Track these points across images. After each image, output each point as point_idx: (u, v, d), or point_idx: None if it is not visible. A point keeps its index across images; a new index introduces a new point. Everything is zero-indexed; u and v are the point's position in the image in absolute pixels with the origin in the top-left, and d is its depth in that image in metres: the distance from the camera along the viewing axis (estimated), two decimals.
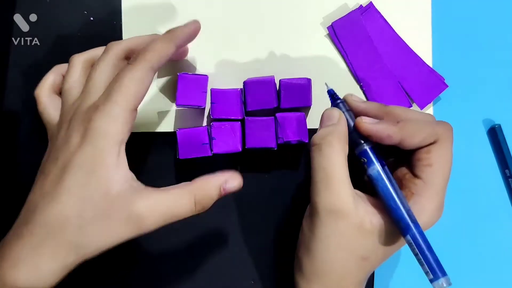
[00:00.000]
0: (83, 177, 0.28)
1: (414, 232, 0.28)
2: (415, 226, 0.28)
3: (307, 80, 0.35)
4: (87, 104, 0.30)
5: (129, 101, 0.29)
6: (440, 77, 0.38)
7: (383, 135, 0.30)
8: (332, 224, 0.29)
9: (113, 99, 0.29)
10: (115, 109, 0.28)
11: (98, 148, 0.28)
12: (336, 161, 0.29)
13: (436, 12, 0.39)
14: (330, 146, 0.29)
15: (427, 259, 0.28)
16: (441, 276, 0.28)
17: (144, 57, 0.30)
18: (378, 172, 0.30)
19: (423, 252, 0.28)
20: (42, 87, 0.35)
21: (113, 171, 0.28)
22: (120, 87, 0.29)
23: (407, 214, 0.28)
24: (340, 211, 0.29)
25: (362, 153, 0.30)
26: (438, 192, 0.30)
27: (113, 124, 0.28)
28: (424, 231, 0.29)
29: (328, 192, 0.29)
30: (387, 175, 0.30)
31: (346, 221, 0.29)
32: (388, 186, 0.29)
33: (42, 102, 0.35)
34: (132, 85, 0.29)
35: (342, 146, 0.30)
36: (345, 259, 0.30)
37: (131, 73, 0.29)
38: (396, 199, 0.29)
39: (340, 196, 0.29)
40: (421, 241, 0.28)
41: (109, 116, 0.28)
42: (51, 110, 0.34)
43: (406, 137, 0.30)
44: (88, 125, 0.29)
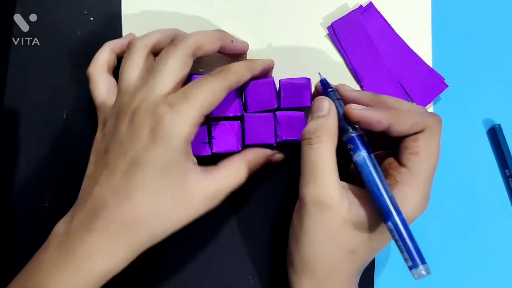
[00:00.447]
0: (156, 175, 0.29)
1: (395, 219, 0.28)
2: (397, 213, 0.28)
3: (307, 80, 0.35)
4: (155, 97, 0.30)
5: (204, 108, 0.30)
6: (440, 77, 0.38)
7: (373, 120, 0.30)
8: (319, 216, 0.30)
9: (192, 103, 0.29)
10: (192, 113, 0.29)
11: (171, 148, 0.29)
12: (324, 155, 0.30)
13: (436, 12, 0.39)
14: (320, 141, 0.30)
15: (407, 246, 0.28)
16: (420, 264, 0.27)
17: (227, 75, 0.31)
18: (363, 159, 0.30)
19: (403, 239, 0.28)
20: (95, 66, 0.35)
21: (185, 167, 0.30)
22: (199, 94, 0.30)
23: (390, 201, 0.28)
24: (326, 203, 0.29)
25: (349, 140, 0.31)
26: (423, 181, 0.30)
27: (187, 126, 0.29)
28: (410, 221, 0.29)
29: (316, 184, 0.30)
30: (372, 162, 0.30)
31: (333, 213, 0.29)
32: (372, 173, 0.29)
33: (94, 81, 0.35)
34: (210, 95, 0.30)
35: (331, 140, 0.30)
36: (332, 252, 0.30)
37: (213, 84, 0.30)
38: (379, 186, 0.29)
39: (327, 189, 0.29)
40: (402, 228, 0.28)
41: (185, 119, 0.29)
42: (103, 90, 0.34)
43: (395, 123, 0.30)
44: (160, 123, 0.29)
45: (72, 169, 0.38)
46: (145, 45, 0.34)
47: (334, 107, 0.32)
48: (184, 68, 0.32)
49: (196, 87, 0.30)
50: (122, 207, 0.29)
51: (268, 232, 0.38)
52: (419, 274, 0.27)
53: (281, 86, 0.35)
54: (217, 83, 0.31)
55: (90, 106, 0.38)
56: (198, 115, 0.30)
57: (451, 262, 0.39)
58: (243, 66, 0.33)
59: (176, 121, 0.29)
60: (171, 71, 0.31)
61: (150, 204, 0.29)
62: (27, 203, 0.38)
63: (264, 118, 0.35)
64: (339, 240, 0.30)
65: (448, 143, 0.39)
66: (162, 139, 0.29)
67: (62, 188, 0.38)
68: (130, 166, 0.29)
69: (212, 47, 0.33)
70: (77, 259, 0.29)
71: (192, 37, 0.32)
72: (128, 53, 0.34)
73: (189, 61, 0.32)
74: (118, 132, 0.31)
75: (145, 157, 0.29)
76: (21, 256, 0.32)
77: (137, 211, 0.29)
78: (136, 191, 0.29)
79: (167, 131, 0.29)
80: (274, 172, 0.38)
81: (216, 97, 0.30)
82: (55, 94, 0.39)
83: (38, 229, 0.38)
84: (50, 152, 0.38)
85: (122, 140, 0.30)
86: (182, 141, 0.29)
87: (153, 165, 0.29)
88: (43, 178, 0.38)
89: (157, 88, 0.31)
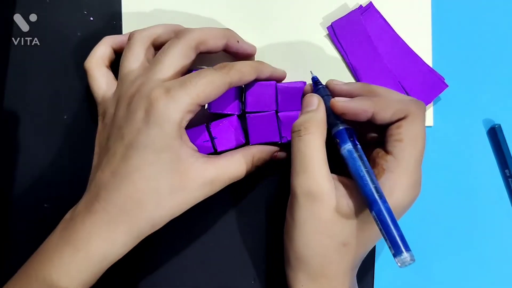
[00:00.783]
0: (151, 157, 0.30)
1: (379, 206, 0.28)
2: (381, 201, 0.28)
3: (303, 83, 0.35)
4: (152, 83, 0.31)
5: (200, 98, 0.30)
6: (440, 77, 0.38)
7: (358, 110, 0.31)
8: (309, 207, 0.30)
9: (188, 90, 0.30)
10: (186, 99, 0.30)
11: (164, 132, 0.30)
12: (313, 146, 0.30)
13: (436, 12, 0.39)
14: (308, 132, 0.30)
15: (390, 234, 0.27)
16: (404, 251, 0.27)
17: (229, 72, 0.31)
18: (349, 151, 0.30)
19: (386, 226, 0.27)
20: (92, 59, 0.35)
21: (181, 152, 0.30)
22: (197, 83, 0.30)
23: (375, 190, 0.28)
24: (316, 193, 0.30)
25: (337, 133, 0.31)
26: (410, 167, 0.30)
27: (180, 111, 0.30)
28: (402, 209, 0.29)
29: (305, 174, 0.30)
30: (359, 154, 0.30)
31: (323, 204, 0.30)
32: (357, 163, 0.30)
33: (93, 75, 0.35)
34: (208, 87, 0.30)
35: (320, 131, 0.31)
36: (324, 245, 0.30)
37: (212, 77, 0.31)
38: (365, 176, 0.29)
39: (316, 179, 0.30)
40: (386, 215, 0.28)
41: (178, 104, 0.30)
42: (102, 84, 0.35)
43: (378, 111, 0.30)
44: (154, 105, 0.29)
45: (72, 170, 0.38)
46: (146, 36, 0.34)
47: (322, 103, 0.32)
48: (185, 60, 0.32)
49: (195, 76, 0.31)
50: (121, 190, 0.30)
51: (270, 234, 0.38)
52: (402, 261, 0.26)
53: (278, 91, 0.35)
54: (218, 77, 0.31)
55: (90, 106, 0.38)
56: (193, 103, 0.30)
57: (451, 262, 0.39)
58: (248, 65, 0.33)
59: (169, 105, 0.30)
60: (171, 60, 0.32)
61: (147, 186, 0.30)
62: (26, 205, 0.38)
63: (267, 117, 0.35)
64: (330, 232, 0.30)
65: (448, 143, 0.39)
66: (155, 122, 0.29)
67: (62, 189, 0.38)
68: (127, 149, 0.30)
69: (216, 44, 0.33)
70: (76, 241, 0.29)
71: (197, 31, 0.33)
72: (129, 44, 0.34)
73: (191, 54, 0.32)
74: (117, 117, 0.32)
75: (139, 138, 0.30)
76: (20, 257, 0.32)
77: (135, 193, 0.30)
78: (133, 173, 0.30)
79: (160, 114, 0.29)
80: (278, 174, 0.38)
81: (214, 90, 0.31)
82: (55, 95, 0.39)
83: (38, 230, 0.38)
84: (50, 152, 0.38)
85: (121, 124, 0.31)
86: (175, 126, 0.30)
87: (147, 147, 0.30)
88: (43, 179, 0.38)
89: (156, 75, 0.31)
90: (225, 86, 0.31)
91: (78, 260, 0.29)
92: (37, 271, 0.30)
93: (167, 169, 0.30)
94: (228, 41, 0.34)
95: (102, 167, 0.31)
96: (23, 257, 0.32)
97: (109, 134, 0.32)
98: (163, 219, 0.31)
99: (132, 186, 0.30)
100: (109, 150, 0.31)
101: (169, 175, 0.30)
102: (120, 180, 0.30)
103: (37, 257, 0.30)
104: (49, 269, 0.29)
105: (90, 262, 0.30)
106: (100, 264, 0.30)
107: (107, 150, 0.32)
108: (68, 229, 0.30)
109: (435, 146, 0.39)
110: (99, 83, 0.35)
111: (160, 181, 0.30)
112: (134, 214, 0.30)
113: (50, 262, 0.30)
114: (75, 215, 0.31)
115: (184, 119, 0.30)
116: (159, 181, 0.30)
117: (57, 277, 0.29)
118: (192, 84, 0.30)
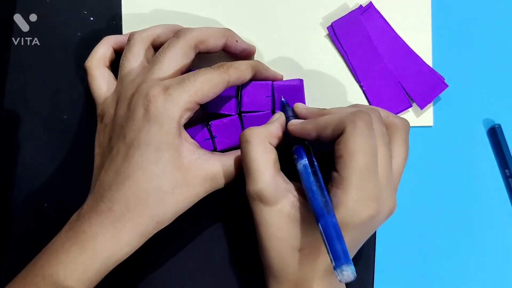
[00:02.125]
0: (153, 154, 0.30)
1: (325, 221, 0.27)
2: (328, 216, 0.27)
3: (299, 81, 0.36)
4: (151, 82, 0.31)
5: (198, 96, 0.31)
6: (440, 77, 0.38)
7: (304, 132, 0.31)
8: (258, 210, 0.30)
9: (186, 88, 0.30)
10: (185, 97, 0.30)
11: (164, 129, 0.30)
12: (255, 153, 0.31)
13: (436, 12, 0.39)
14: (249, 142, 0.31)
15: (333, 248, 0.26)
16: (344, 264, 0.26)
17: (227, 70, 0.32)
18: (303, 167, 0.30)
19: (330, 240, 0.27)
20: (93, 59, 0.36)
21: (179, 147, 0.31)
22: (196, 81, 0.31)
23: (323, 204, 0.28)
24: (262, 196, 0.30)
25: (294, 150, 0.32)
26: (354, 183, 0.28)
27: (178, 109, 0.30)
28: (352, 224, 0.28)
29: (251, 179, 0.30)
30: (313, 169, 0.30)
31: (272, 208, 0.30)
32: (311, 179, 0.29)
33: (93, 75, 0.35)
34: (206, 85, 0.31)
35: (259, 140, 0.31)
36: (278, 248, 0.30)
37: (210, 75, 0.31)
38: (316, 190, 0.29)
39: (260, 182, 0.30)
40: (331, 230, 0.27)
41: (177, 102, 0.30)
42: (102, 84, 0.35)
43: (320, 131, 0.30)
44: (153, 103, 0.30)
45: (72, 170, 0.38)
46: (145, 37, 0.34)
47: (279, 120, 0.33)
48: (185, 59, 0.32)
49: (194, 75, 0.31)
50: (125, 188, 0.30)
51: None
52: (342, 275, 0.26)
53: (275, 89, 0.35)
54: (216, 75, 0.31)
55: (90, 106, 0.38)
56: (191, 101, 0.30)
57: (451, 262, 0.39)
58: (246, 64, 0.33)
59: (168, 103, 0.30)
60: (171, 59, 0.32)
61: (150, 184, 0.30)
62: (26, 204, 0.38)
63: (263, 117, 0.35)
64: (282, 237, 0.30)
65: (448, 143, 0.39)
66: (155, 120, 0.30)
67: (62, 189, 0.38)
68: (129, 147, 0.30)
69: (215, 43, 0.34)
70: (83, 240, 0.30)
71: (196, 30, 0.33)
72: (129, 45, 0.34)
73: (190, 53, 0.33)
74: (117, 117, 0.32)
75: (140, 137, 0.30)
76: (20, 257, 0.32)
77: (139, 192, 0.30)
78: (135, 171, 0.30)
79: (159, 112, 0.30)
80: None
81: (212, 88, 0.31)
82: (55, 95, 0.39)
83: (38, 230, 0.38)
84: (50, 152, 0.38)
85: (122, 123, 0.31)
86: (173, 123, 0.30)
87: (148, 145, 0.30)
88: (43, 179, 0.38)
89: (155, 74, 0.32)
90: (224, 85, 0.32)
91: (84, 259, 0.30)
92: (44, 269, 0.30)
93: (169, 166, 0.30)
94: (228, 40, 0.34)
95: (105, 167, 0.31)
96: (23, 257, 0.32)
97: (110, 133, 0.32)
98: (167, 216, 0.31)
99: (135, 185, 0.30)
100: (111, 150, 0.32)
101: (171, 172, 0.30)
102: (124, 179, 0.30)
103: (43, 256, 0.31)
104: (56, 267, 0.30)
105: (96, 261, 0.30)
106: (106, 263, 0.30)
107: (109, 150, 0.32)
108: (75, 229, 0.30)
109: (435, 146, 0.39)
110: (99, 83, 0.35)
111: (162, 178, 0.30)
112: (138, 212, 0.30)
113: (57, 260, 0.30)
114: (81, 215, 0.31)
115: (182, 117, 0.31)
116: (161, 178, 0.30)
117: (64, 275, 0.29)
118: (190, 82, 0.31)
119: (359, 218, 0.28)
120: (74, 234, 0.30)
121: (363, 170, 0.28)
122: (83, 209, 0.31)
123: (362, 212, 0.28)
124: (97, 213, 0.30)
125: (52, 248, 0.31)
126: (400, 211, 0.36)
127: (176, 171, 0.31)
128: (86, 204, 0.31)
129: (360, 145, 0.28)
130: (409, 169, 0.38)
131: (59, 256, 0.30)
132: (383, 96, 0.38)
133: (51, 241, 0.31)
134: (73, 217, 0.32)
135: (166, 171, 0.30)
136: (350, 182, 0.28)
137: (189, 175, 0.31)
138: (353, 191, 0.28)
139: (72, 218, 0.32)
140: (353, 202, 0.28)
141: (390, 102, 0.38)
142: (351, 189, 0.28)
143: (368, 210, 0.28)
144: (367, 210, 0.28)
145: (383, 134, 0.30)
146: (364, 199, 0.28)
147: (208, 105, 0.34)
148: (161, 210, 0.31)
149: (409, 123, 0.33)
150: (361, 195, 0.28)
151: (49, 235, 0.32)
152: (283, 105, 0.36)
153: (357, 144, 0.28)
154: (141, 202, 0.30)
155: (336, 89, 0.39)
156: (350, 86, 0.39)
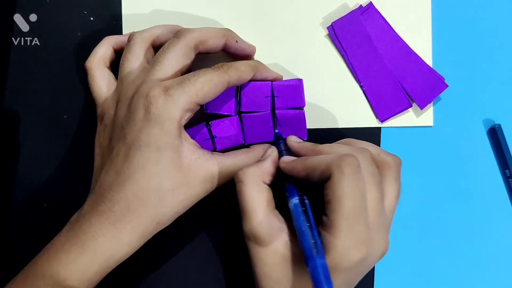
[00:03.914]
0: (153, 155, 0.30)
1: (314, 263, 0.27)
2: (318, 257, 0.27)
3: (299, 80, 0.36)
4: (152, 83, 0.31)
5: (198, 96, 0.31)
6: (440, 77, 0.38)
7: (294, 171, 0.31)
8: (253, 250, 0.30)
9: (186, 89, 0.30)
10: (185, 98, 0.30)
11: (164, 130, 0.30)
12: (249, 193, 0.30)
13: (436, 12, 0.39)
14: (242, 182, 0.30)
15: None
16: None
17: (227, 71, 0.32)
18: (294, 206, 0.30)
19: (318, 283, 0.27)
20: (93, 60, 0.36)
21: (179, 147, 0.31)
22: (196, 82, 0.31)
23: (313, 246, 0.28)
24: (256, 236, 0.30)
25: (286, 187, 0.32)
26: (342, 228, 0.28)
27: (178, 109, 0.30)
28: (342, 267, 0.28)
29: (246, 218, 0.30)
30: (304, 209, 0.30)
31: (267, 248, 0.30)
32: (301, 218, 0.29)
33: (93, 75, 0.36)
34: (206, 86, 0.31)
35: (254, 182, 0.31)
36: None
37: (211, 76, 0.31)
38: (306, 231, 0.28)
39: (254, 222, 0.30)
40: (320, 273, 0.27)
41: (177, 102, 0.30)
42: (102, 85, 0.35)
43: (309, 172, 0.30)
44: (154, 104, 0.30)
45: (72, 170, 0.38)
46: (145, 38, 0.34)
47: (272, 156, 0.32)
48: (185, 59, 0.32)
49: (194, 75, 0.31)
50: (125, 189, 0.30)
51: None
52: None
53: (274, 89, 0.35)
54: (216, 76, 0.31)
55: (90, 106, 0.38)
56: (191, 101, 0.31)
57: (451, 262, 0.39)
58: (246, 64, 0.33)
59: (168, 103, 0.30)
60: (171, 60, 0.32)
61: (150, 185, 0.30)
62: (26, 205, 0.38)
63: (262, 117, 0.35)
64: (276, 277, 0.30)
65: (448, 143, 0.39)
66: (155, 120, 0.30)
67: (62, 189, 0.38)
68: (130, 148, 0.30)
69: (215, 43, 0.34)
70: (84, 240, 0.30)
71: (196, 31, 0.33)
72: (129, 45, 0.34)
73: (190, 53, 0.33)
74: (118, 117, 0.32)
75: (141, 137, 0.30)
76: (20, 257, 0.32)
77: (139, 192, 0.30)
78: (136, 172, 0.30)
79: (159, 112, 0.30)
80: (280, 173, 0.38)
81: (212, 88, 0.31)
82: (55, 95, 0.39)
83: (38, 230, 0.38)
84: (50, 152, 0.38)
85: (122, 124, 0.31)
86: (174, 124, 0.30)
87: (149, 146, 0.30)
88: (43, 179, 0.38)
89: (155, 74, 0.32)
90: (224, 85, 0.32)
91: (85, 259, 0.30)
92: (44, 269, 0.30)
93: (169, 167, 0.30)
94: (227, 41, 0.34)
95: (106, 167, 0.31)
96: (23, 257, 0.32)
97: (111, 134, 0.33)
98: (167, 217, 0.31)
99: (135, 185, 0.30)
100: (112, 150, 0.32)
101: (171, 173, 0.30)
102: (124, 180, 0.30)
103: (43, 256, 0.31)
104: (56, 267, 0.30)
105: (96, 261, 0.30)
106: (106, 263, 0.30)
107: (110, 151, 0.32)
108: (75, 230, 0.30)
109: (435, 146, 0.39)
110: (99, 83, 0.35)
111: (163, 179, 0.30)
112: (138, 213, 0.30)
113: (57, 260, 0.30)
114: (81, 216, 0.31)
115: (183, 117, 0.31)
116: (161, 179, 0.30)
117: (64, 275, 0.30)
118: (190, 83, 0.31)
119: (349, 262, 0.28)
120: (75, 235, 0.30)
121: (351, 215, 0.28)
122: (83, 209, 0.31)
123: (352, 256, 0.28)
124: (98, 214, 0.30)
125: (52, 248, 0.31)
126: (400, 211, 0.36)
127: (176, 171, 0.31)
128: (87, 204, 0.31)
129: (347, 190, 0.28)
130: (409, 169, 0.38)
131: (59, 256, 0.30)
132: (383, 96, 0.38)
133: (51, 241, 0.31)
134: (74, 218, 0.32)
135: (167, 171, 0.30)
136: (338, 227, 0.28)
137: (189, 176, 0.31)
138: (342, 235, 0.28)
139: (73, 219, 0.32)
140: (343, 247, 0.28)
141: (390, 102, 0.38)
142: (340, 233, 0.28)
143: (358, 253, 0.28)
144: (357, 253, 0.28)
145: (373, 174, 0.30)
146: (354, 243, 0.28)
147: (208, 106, 0.34)
148: (162, 210, 0.31)
149: (401, 159, 0.32)
150: (351, 239, 0.28)
151: (49, 235, 0.32)
152: (276, 137, 0.35)
153: (344, 189, 0.28)
154: (141, 203, 0.30)
155: (336, 89, 0.39)
156: (350, 86, 0.39)
